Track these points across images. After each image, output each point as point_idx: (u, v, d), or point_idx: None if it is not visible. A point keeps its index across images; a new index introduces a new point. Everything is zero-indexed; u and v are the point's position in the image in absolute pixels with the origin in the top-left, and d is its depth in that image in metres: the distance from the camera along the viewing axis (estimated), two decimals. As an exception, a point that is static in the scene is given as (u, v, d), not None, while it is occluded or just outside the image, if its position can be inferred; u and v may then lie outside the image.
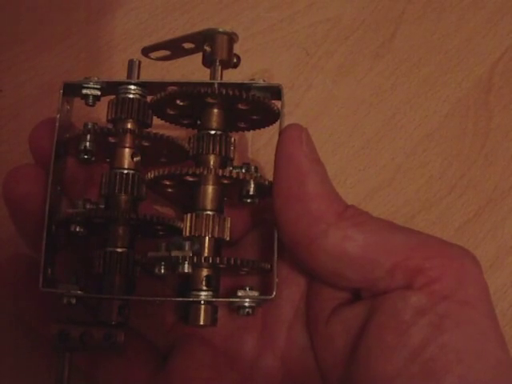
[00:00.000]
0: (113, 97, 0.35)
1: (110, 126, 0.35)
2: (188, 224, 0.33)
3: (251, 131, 0.39)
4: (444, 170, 0.49)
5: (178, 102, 0.34)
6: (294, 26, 0.52)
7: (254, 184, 0.33)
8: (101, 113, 0.36)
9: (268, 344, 0.35)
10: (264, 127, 0.37)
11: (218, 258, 0.32)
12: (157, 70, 0.42)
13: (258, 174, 0.34)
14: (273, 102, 0.35)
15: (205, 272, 0.34)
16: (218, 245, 0.34)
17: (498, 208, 0.48)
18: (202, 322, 0.34)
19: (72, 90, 0.35)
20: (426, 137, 0.50)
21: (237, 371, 0.35)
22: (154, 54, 0.37)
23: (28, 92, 0.47)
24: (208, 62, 0.36)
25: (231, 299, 0.34)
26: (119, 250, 0.34)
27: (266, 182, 0.34)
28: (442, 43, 0.53)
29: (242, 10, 0.52)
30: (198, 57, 0.36)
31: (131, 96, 0.35)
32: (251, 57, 0.50)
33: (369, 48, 0.52)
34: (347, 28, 0.53)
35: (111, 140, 0.34)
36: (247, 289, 0.34)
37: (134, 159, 0.35)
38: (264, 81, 0.35)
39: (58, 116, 0.34)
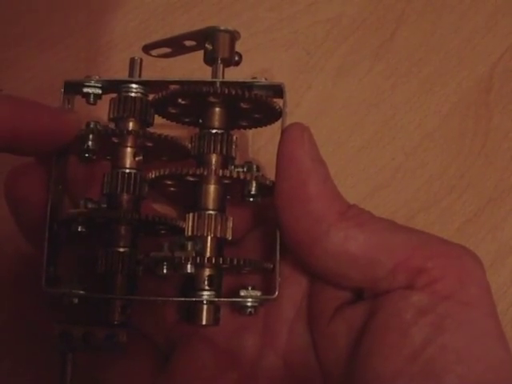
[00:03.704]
0: (114, 95, 0.35)
1: (111, 124, 0.35)
2: (190, 224, 0.33)
3: (252, 130, 0.39)
4: (444, 170, 0.49)
5: (179, 100, 0.34)
6: (294, 26, 0.52)
7: (256, 184, 0.33)
8: (102, 111, 0.36)
9: (270, 343, 0.35)
10: (266, 125, 0.37)
11: (220, 259, 0.32)
12: (157, 70, 0.42)
13: (260, 174, 0.34)
14: (275, 100, 0.35)
15: (207, 272, 0.34)
16: (220, 244, 0.34)
17: (498, 208, 0.48)
18: (204, 322, 0.34)
19: (73, 89, 0.35)
20: (426, 137, 0.50)
21: (239, 370, 0.35)
22: (154, 52, 0.37)
23: (28, 92, 0.47)
24: (209, 60, 0.35)
25: (233, 299, 0.34)
26: (121, 249, 0.34)
27: (268, 182, 0.34)
28: (442, 43, 0.53)
29: (241, 10, 0.52)
30: (199, 56, 0.36)
31: (133, 95, 0.35)
32: (251, 57, 0.50)
33: (369, 48, 0.52)
34: (347, 28, 0.53)
35: (114, 140, 0.34)
36: (249, 288, 0.34)
37: (136, 158, 0.35)
38: (266, 79, 0.35)
39: None
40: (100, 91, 0.36)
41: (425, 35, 0.53)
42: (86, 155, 0.34)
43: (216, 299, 0.34)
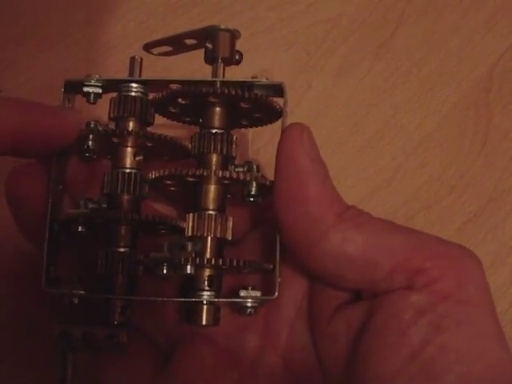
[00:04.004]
0: (114, 94, 0.35)
1: (111, 124, 0.35)
2: (190, 224, 0.33)
3: (252, 130, 0.39)
4: (444, 170, 0.49)
5: (179, 100, 0.34)
6: (294, 26, 0.52)
7: (256, 184, 0.33)
8: (102, 110, 0.36)
9: (270, 343, 0.35)
10: (266, 125, 0.37)
11: (220, 260, 0.32)
12: (157, 70, 0.42)
13: (259, 174, 0.34)
14: (275, 100, 0.35)
15: (207, 272, 0.33)
16: (220, 244, 0.34)
17: (498, 208, 0.48)
18: (204, 322, 0.34)
19: (73, 88, 0.35)
20: (426, 137, 0.50)
21: (239, 369, 0.35)
22: (155, 50, 0.37)
23: (27, 92, 0.47)
24: (210, 59, 0.35)
25: (233, 299, 0.34)
26: (121, 249, 0.34)
27: (267, 182, 0.34)
28: (442, 43, 0.53)
29: (241, 10, 0.52)
30: (199, 56, 0.36)
31: (133, 94, 0.35)
32: (251, 57, 0.49)
33: (369, 48, 0.52)
34: (347, 28, 0.53)
35: (114, 140, 0.34)
36: (249, 289, 0.34)
37: (137, 158, 0.35)
38: (267, 79, 0.35)
39: None
40: (100, 90, 0.35)
41: (425, 35, 0.53)
42: (87, 155, 0.34)
43: (216, 299, 0.34)
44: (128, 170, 0.35)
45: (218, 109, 0.35)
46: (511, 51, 0.53)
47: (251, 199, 0.34)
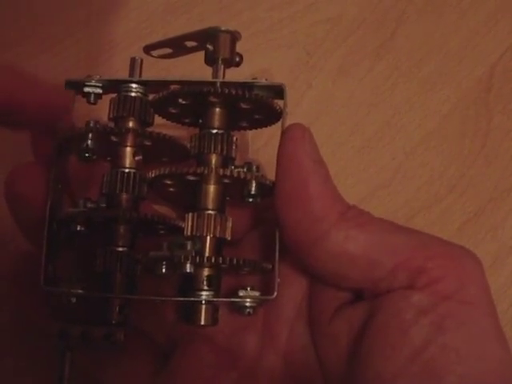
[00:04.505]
0: (114, 95, 0.35)
1: (111, 124, 0.35)
2: (189, 223, 0.33)
3: (251, 131, 0.39)
4: (444, 170, 0.49)
5: (180, 100, 0.34)
6: (294, 26, 0.52)
7: (256, 183, 0.33)
8: (102, 111, 0.36)
9: (270, 343, 0.35)
10: (266, 126, 0.37)
11: (220, 258, 0.32)
12: (158, 71, 0.42)
13: (260, 174, 0.34)
14: (275, 101, 0.35)
15: (206, 272, 0.33)
16: (219, 244, 0.34)
17: (498, 208, 0.48)
18: (202, 322, 0.33)
19: (74, 88, 0.35)
20: (426, 137, 0.50)
21: (239, 369, 0.35)
22: (155, 52, 0.37)
23: (28, 92, 0.47)
24: (210, 60, 0.35)
25: (232, 299, 0.34)
26: (120, 248, 0.34)
27: (268, 182, 0.34)
28: (442, 43, 0.53)
29: (241, 10, 0.52)
30: (199, 57, 0.36)
31: (133, 94, 0.35)
32: (251, 57, 0.49)
33: (369, 48, 0.52)
34: (347, 28, 0.53)
35: (113, 139, 0.34)
36: (248, 289, 0.34)
37: (136, 158, 0.35)
38: (266, 80, 0.35)
39: None
40: (101, 91, 0.35)
41: (425, 35, 0.53)
42: (86, 155, 0.34)
43: (215, 299, 0.34)
44: (127, 170, 0.34)
45: (218, 109, 0.35)
46: (511, 51, 0.53)
47: (250, 199, 0.34)
